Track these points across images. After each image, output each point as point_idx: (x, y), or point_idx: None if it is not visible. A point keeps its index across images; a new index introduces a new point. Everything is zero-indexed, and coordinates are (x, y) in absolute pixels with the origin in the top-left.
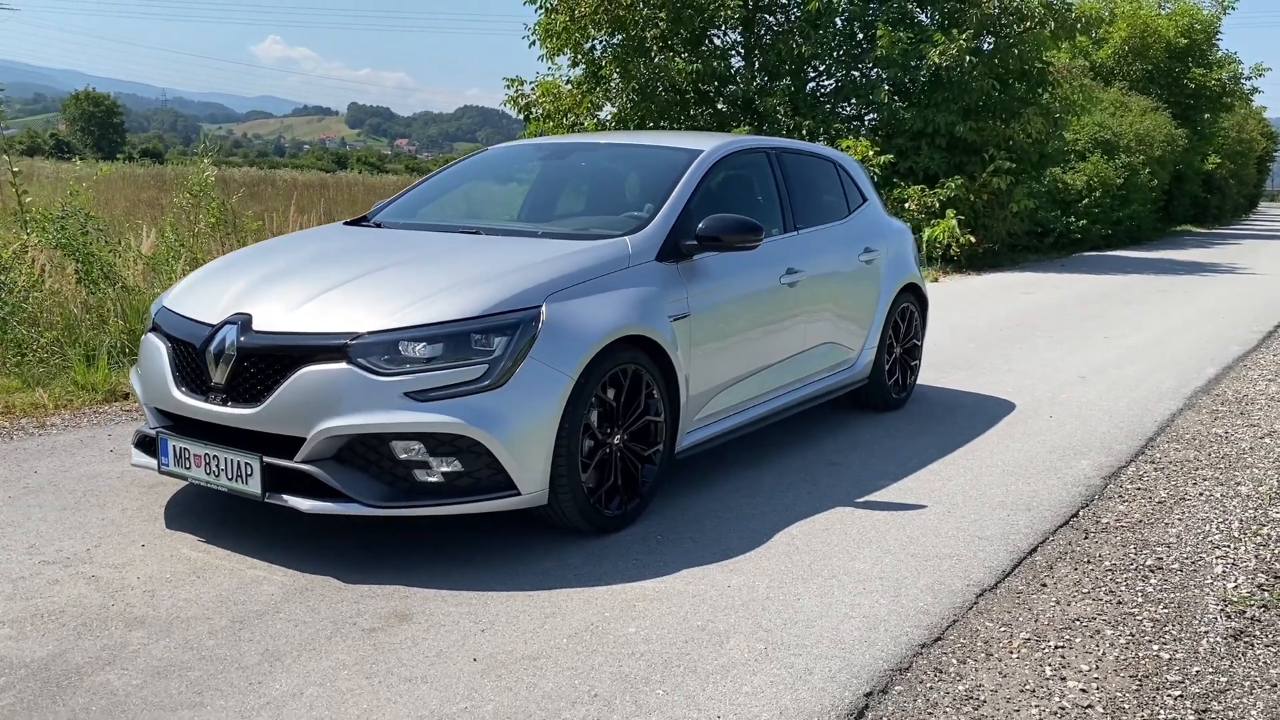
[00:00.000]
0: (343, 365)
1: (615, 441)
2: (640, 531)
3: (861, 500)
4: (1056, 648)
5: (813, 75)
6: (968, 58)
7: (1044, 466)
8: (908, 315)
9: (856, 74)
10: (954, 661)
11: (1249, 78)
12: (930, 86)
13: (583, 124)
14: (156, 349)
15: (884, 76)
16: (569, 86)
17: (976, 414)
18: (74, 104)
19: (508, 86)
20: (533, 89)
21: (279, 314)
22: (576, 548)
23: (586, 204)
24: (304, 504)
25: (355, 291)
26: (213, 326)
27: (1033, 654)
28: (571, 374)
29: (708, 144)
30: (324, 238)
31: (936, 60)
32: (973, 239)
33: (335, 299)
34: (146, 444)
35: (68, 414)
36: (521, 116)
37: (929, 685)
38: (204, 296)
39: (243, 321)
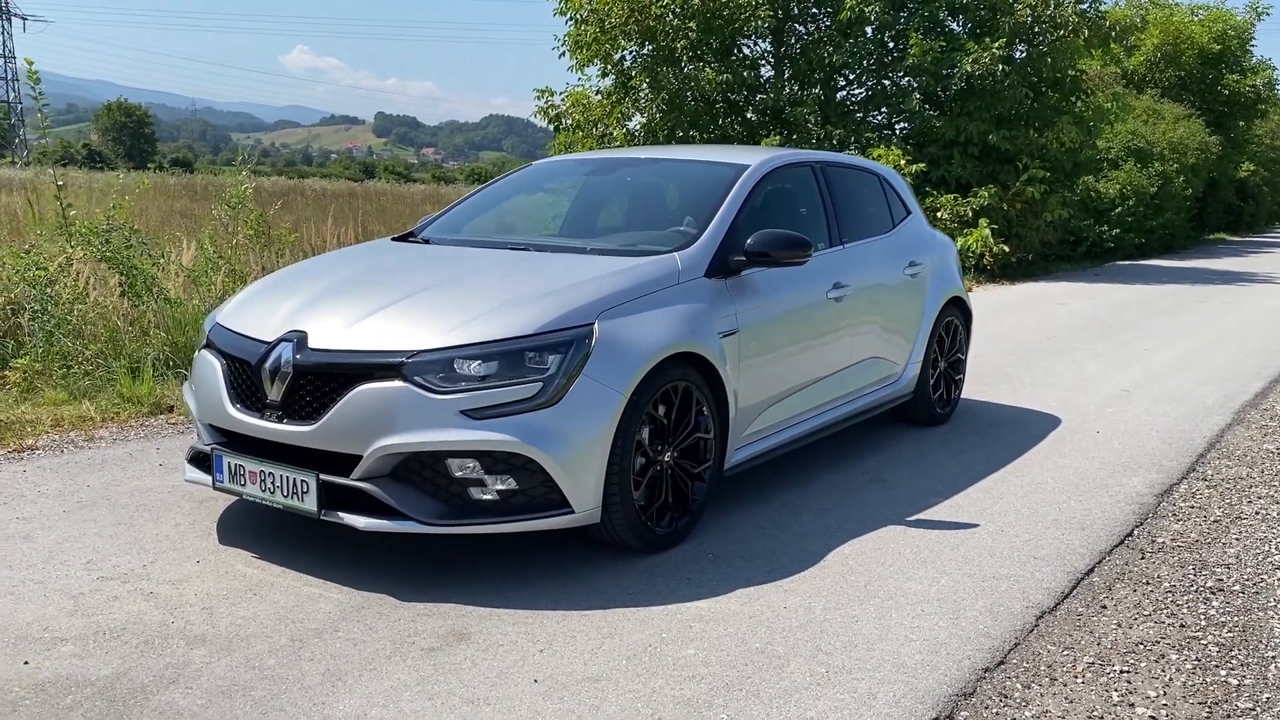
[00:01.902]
0: (399, 383)
1: (666, 459)
2: (691, 550)
3: (913, 519)
4: (1122, 672)
5: (843, 84)
6: (1000, 66)
7: (1095, 484)
8: (952, 329)
9: (887, 83)
10: (1018, 686)
11: None
12: (962, 95)
13: (612, 134)
14: (211, 366)
15: (915, 85)
16: (599, 97)
17: (1022, 429)
18: (106, 114)
19: (538, 97)
20: (563, 99)
21: (334, 331)
22: (628, 566)
23: (633, 220)
24: (360, 521)
25: (409, 309)
26: (268, 344)
27: (1098, 679)
28: (624, 391)
29: (754, 159)
30: (375, 254)
31: (969, 69)
32: (1006, 248)
33: (390, 316)
34: (200, 460)
35: (115, 427)
36: (551, 127)
37: (994, 711)
38: (258, 313)
39: (298, 339)
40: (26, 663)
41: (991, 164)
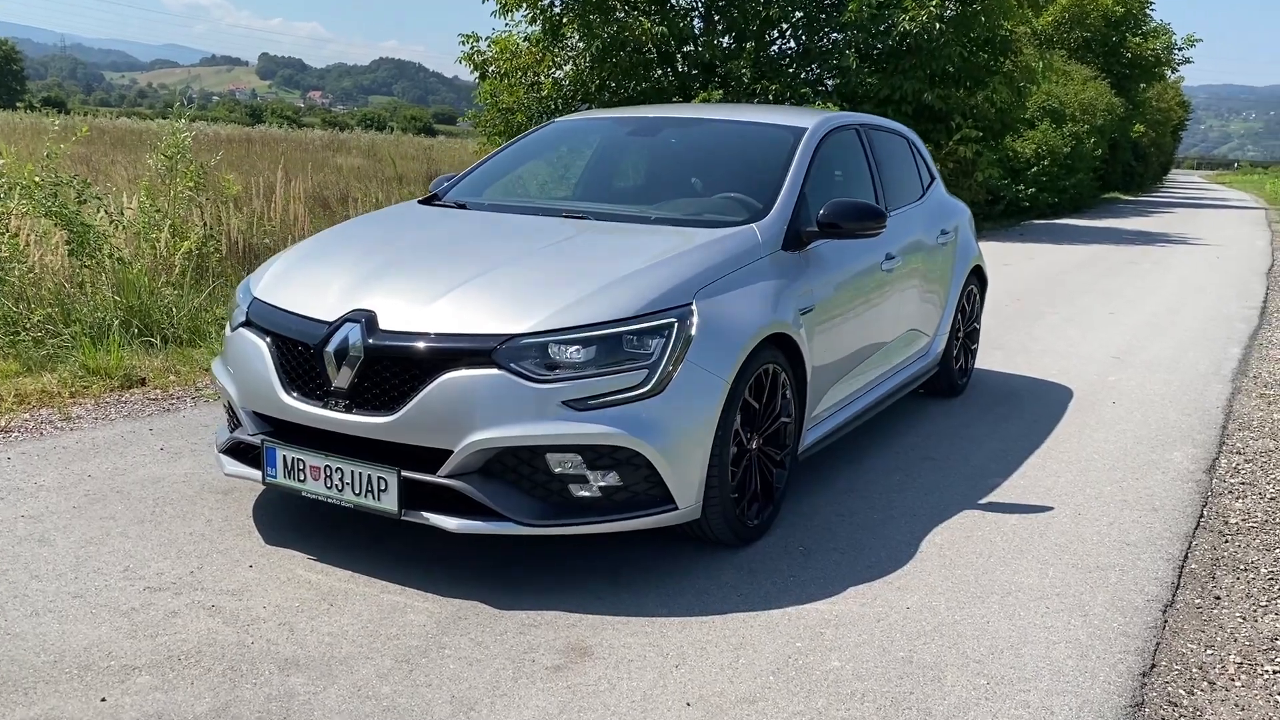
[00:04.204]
0: (494, 371)
1: (753, 446)
2: (779, 542)
3: (984, 501)
4: (1275, 673)
5: (776, 37)
6: (937, 25)
7: (1141, 460)
8: (972, 298)
9: (819, 38)
10: (1182, 693)
11: (1181, 48)
12: (896, 53)
13: (541, 82)
14: (254, 346)
15: (851, 40)
16: (526, 43)
17: (1039, 400)
18: None
19: (463, 43)
20: (489, 45)
21: (408, 311)
22: (723, 562)
23: (689, 186)
24: (451, 523)
25: (488, 288)
26: (330, 324)
27: (1254, 680)
28: (727, 377)
29: (808, 120)
30: (420, 222)
31: (907, 26)
32: None
33: (469, 296)
34: (239, 451)
35: (90, 404)
36: (476, 75)
37: None
38: (305, 289)
39: (367, 319)
40: (104, 700)
41: (924, 123)
